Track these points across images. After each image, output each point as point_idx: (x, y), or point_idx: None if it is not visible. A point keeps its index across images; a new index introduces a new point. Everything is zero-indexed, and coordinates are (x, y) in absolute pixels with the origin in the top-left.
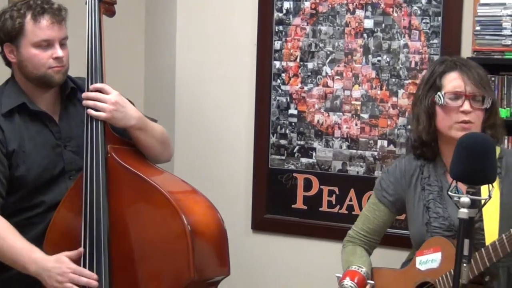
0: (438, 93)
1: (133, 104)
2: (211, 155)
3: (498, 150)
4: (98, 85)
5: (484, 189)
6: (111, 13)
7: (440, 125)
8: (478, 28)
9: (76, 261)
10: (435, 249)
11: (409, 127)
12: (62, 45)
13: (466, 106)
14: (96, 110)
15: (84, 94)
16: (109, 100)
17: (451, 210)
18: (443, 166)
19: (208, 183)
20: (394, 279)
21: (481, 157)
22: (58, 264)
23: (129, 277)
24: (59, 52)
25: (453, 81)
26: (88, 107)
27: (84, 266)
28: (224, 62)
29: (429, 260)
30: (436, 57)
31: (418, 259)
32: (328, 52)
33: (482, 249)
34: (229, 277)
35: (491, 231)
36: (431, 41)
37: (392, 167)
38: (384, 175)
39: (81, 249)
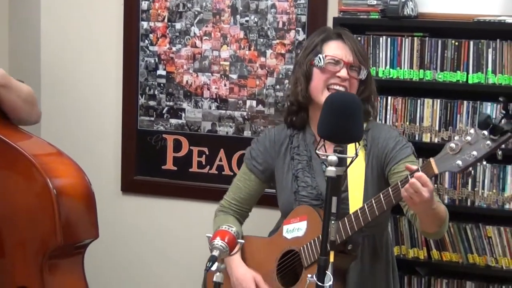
0: (319, 55)
1: None
2: (78, 118)
3: (365, 123)
4: None
5: (350, 147)
6: None
7: (313, 88)
8: None
9: None
10: (301, 218)
11: (286, 93)
12: None
13: (343, 72)
14: None
15: None
16: None
17: (319, 180)
18: (312, 135)
19: (76, 146)
20: (262, 247)
21: (348, 114)
22: None
23: None
24: None
25: (334, 48)
26: None
27: None
28: (90, 23)
29: (295, 229)
30: (303, 17)
31: (285, 227)
32: (196, 12)
33: (345, 218)
34: (98, 240)
35: (355, 201)
36: (298, 1)
37: (262, 136)
38: (254, 145)
39: None
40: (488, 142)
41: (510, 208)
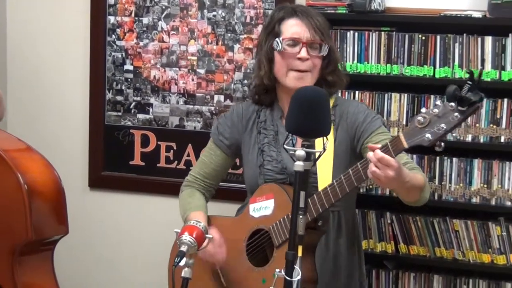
0: (277, 39)
1: None
2: (45, 113)
3: (332, 99)
4: None
5: (319, 141)
6: None
7: (277, 71)
8: None
9: None
10: (268, 196)
11: (252, 77)
12: None
13: (303, 53)
14: None
15: None
16: None
17: (285, 154)
18: (279, 111)
19: (43, 141)
20: (229, 227)
21: (315, 110)
22: None
23: None
24: None
25: (292, 27)
26: None
27: None
28: (57, 17)
29: (262, 207)
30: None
31: (251, 206)
32: (163, 7)
33: (315, 195)
34: (67, 236)
35: (324, 176)
36: None
37: (229, 111)
38: (221, 120)
39: None
40: (456, 114)
41: (477, 202)
